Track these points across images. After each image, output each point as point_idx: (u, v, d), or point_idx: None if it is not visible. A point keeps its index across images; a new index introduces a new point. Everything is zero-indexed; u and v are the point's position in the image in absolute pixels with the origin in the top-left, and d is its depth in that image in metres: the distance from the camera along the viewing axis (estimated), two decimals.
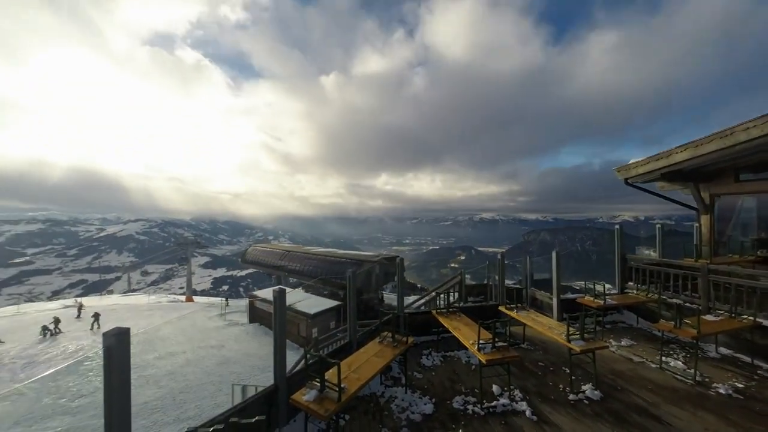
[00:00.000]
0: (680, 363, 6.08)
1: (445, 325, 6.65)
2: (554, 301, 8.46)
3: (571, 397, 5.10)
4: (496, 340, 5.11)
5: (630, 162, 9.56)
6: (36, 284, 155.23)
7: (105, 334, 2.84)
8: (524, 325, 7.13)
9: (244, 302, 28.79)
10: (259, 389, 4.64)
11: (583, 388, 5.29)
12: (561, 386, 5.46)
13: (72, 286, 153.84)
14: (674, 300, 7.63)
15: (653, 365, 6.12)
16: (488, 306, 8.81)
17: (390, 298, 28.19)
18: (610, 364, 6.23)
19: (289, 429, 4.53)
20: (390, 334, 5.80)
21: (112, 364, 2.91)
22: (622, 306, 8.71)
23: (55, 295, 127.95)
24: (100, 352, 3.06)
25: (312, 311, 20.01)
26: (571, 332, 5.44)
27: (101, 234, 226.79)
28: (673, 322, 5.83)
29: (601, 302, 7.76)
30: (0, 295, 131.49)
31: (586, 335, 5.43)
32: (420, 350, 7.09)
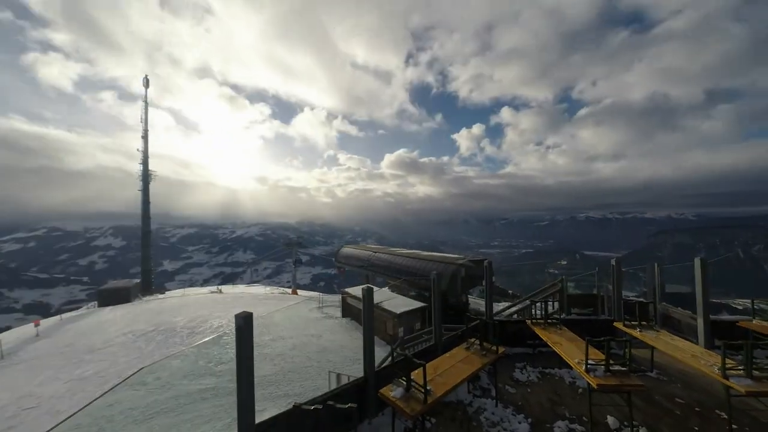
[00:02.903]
0: None
1: (543, 337, 5.93)
2: (700, 323, 6.58)
3: None
4: (611, 362, 4.28)
5: None
6: (194, 274, 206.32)
7: (236, 316, 3.55)
8: (652, 348, 5.77)
9: (337, 297, 31.70)
10: (351, 379, 5.03)
11: None
12: None
13: (215, 276, 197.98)
14: None
15: None
16: (599, 321, 7.48)
17: (477, 303, 26.76)
18: None
19: (377, 421, 4.76)
20: (477, 342, 5.51)
21: (240, 340, 3.62)
22: None
23: (206, 283, 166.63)
24: (234, 330, 3.84)
25: (398, 310, 20.57)
26: (729, 365, 4.13)
27: (232, 236, 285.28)
28: None
29: None
30: (173, 281, 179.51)
31: (755, 372, 4.05)
32: (513, 362, 6.50)
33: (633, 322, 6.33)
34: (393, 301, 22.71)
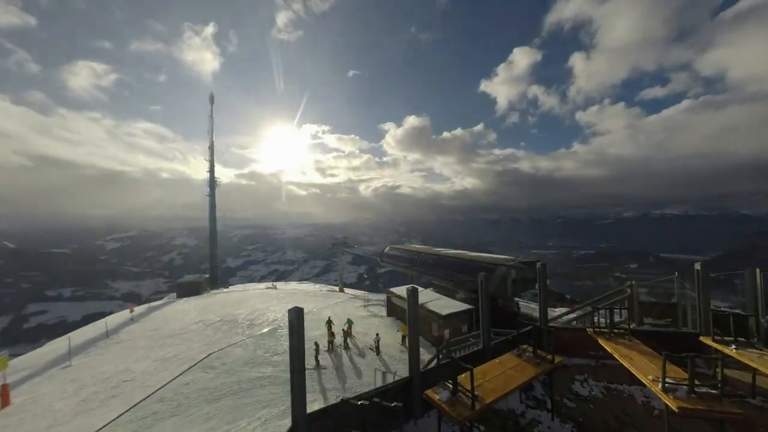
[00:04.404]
0: None
1: (608, 349, 5.33)
2: None
3: None
4: (697, 382, 3.69)
5: None
6: (252, 270, 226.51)
7: (289, 311, 3.81)
8: (754, 370, 4.84)
9: (382, 297, 32.13)
10: (396, 378, 5.06)
11: None
12: None
13: (270, 273, 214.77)
14: None
15: None
16: (680, 334, 6.50)
17: (530, 308, 25.03)
18: None
19: (423, 423, 4.72)
20: (530, 349, 5.16)
21: (293, 333, 3.88)
22: None
23: (262, 279, 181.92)
24: (287, 323, 4.14)
25: (444, 312, 20.16)
26: None
27: (283, 236, 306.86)
28: None
29: None
30: (235, 277, 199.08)
31: None
32: (572, 374, 5.96)
33: (726, 338, 5.38)
34: (438, 302, 22.32)
